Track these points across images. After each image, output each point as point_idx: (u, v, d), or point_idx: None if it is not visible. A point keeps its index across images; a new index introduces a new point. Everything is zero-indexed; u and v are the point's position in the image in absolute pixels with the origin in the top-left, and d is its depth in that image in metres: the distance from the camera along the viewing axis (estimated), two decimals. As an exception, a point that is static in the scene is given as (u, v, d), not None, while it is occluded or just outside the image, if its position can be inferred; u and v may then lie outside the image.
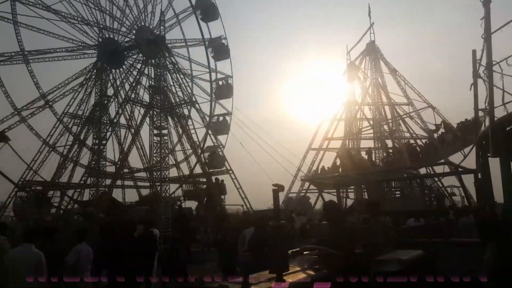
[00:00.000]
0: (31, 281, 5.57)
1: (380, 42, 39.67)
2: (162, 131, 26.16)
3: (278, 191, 3.27)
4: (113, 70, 30.98)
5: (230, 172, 29.65)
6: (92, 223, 19.66)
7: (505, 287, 5.00)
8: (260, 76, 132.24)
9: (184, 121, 29.78)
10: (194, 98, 31.01)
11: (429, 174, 23.38)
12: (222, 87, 31.70)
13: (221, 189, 28.29)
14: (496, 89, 6.95)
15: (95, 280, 7.59)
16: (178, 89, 30.11)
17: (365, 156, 28.52)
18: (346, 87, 34.89)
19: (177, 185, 30.62)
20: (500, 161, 6.81)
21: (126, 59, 31.41)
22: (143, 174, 31.10)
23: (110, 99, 30.36)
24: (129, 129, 31.38)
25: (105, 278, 7.49)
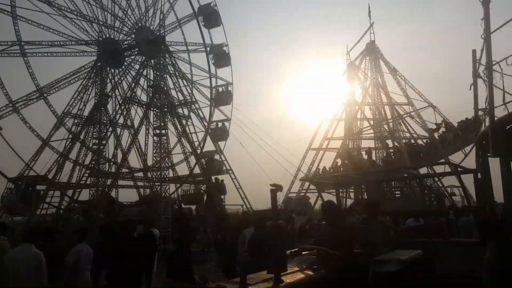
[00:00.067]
0: (31, 281, 5.57)
1: (380, 42, 39.73)
2: (162, 131, 26.19)
3: (276, 191, 3.27)
4: (112, 70, 30.93)
5: (230, 172, 29.68)
6: (92, 223, 19.66)
7: (505, 287, 4.99)
8: (260, 76, 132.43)
9: (184, 121, 29.77)
10: (194, 98, 31.02)
11: (428, 174, 23.34)
12: (222, 93, 31.60)
13: (221, 189, 28.29)
14: (496, 89, 6.94)
15: (95, 280, 7.60)
16: (178, 89, 30.13)
17: (365, 156, 28.49)
18: (346, 87, 34.92)
19: (176, 186, 30.60)
20: (500, 161, 6.80)
21: (126, 59, 31.39)
22: (142, 174, 31.10)
23: (109, 99, 30.33)
24: (129, 129, 31.38)
25: (105, 278, 7.49)
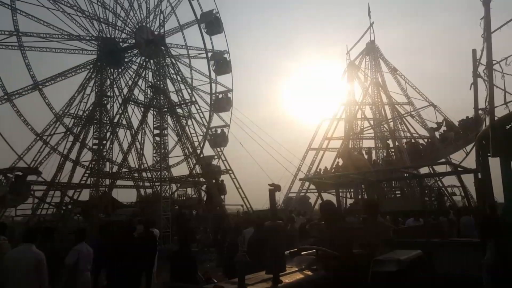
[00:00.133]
0: (31, 281, 5.56)
1: (380, 41, 39.69)
2: (163, 130, 26.19)
3: (275, 191, 3.26)
4: (112, 70, 30.91)
5: (230, 172, 29.66)
6: (92, 223, 19.67)
7: (505, 287, 4.98)
8: (260, 75, 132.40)
9: (184, 121, 29.76)
10: (194, 98, 31.02)
11: (428, 173, 23.26)
12: (222, 100, 31.56)
13: (221, 189, 28.29)
14: (495, 88, 6.92)
15: (95, 280, 7.59)
16: (178, 89, 30.11)
17: (366, 156, 28.48)
18: (346, 87, 34.92)
19: (177, 186, 30.53)
20: (501, 160, 6.77)
21: (126, 59, 31.38)
22: (143, 174, 31.05)
23: (109, 99, 30.32)
24: (129, 129, 31.37)
25: (104, 278, 7.48)
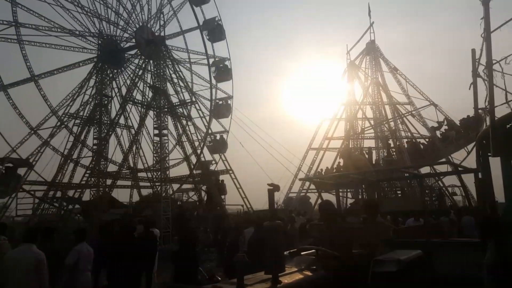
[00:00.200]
0: (31, 281, 5.55)
1: (380, 41, 39.66)
2: (163, 131, 26.17)
3: (274, 191, 3.25)
4: (113, 70, 30.91)
5: (230, 172, 29.66)
6: (92, 223, 19.67)
7: (505, 287, 4.96)
8: (260, 75, 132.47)
9: (184, 122, 29.75)
10: (194, 98, 30.97)
11: (428, 173, 23.29)
12: (221, 107, 31.61)
13: (221, 189, 28.28)
14: (495, 88, 6.90)
15: (95, 280, 7.58)
16: (179, 89, 30.10)
17: (366, 156, 28.47)
18: (346, 87, 34.92)
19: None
20: (501, 160, 6.75)
21: (126, 59, 31.38)
22: (143, 174, 31.09)
23: (110, 99, 30.31)
24: (129, 129, 31.38)
25: (105, 278, 7.47)
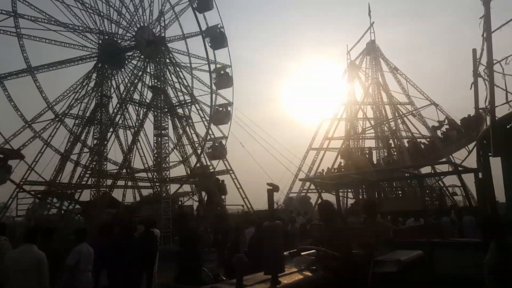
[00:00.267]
0: (31, 281, 5.55)
1: (380, 41, 39.56)
2: (163, 131, 26.16)
3: (273, 191, 3.24)
4: (113, 71, 30.92)
5: (230, 172, 29.65)
6: (92, 223, 19.66)
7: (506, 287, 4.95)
8: (260, 75, 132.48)
9: (184, 122, 29.75)
10: (194, 98, 30.98)
11: (428, 173, 23.27)
12: (221, 113, 31.57)
13: (221, 189, 28.25)
14: (496, 88, 6.88)
15: (95, 280, 7.57)
16: (178, 89, 30.12)
17: (367, 156, 28.47)
18: (347, 87, 34.91)
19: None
20: (502, 160, 6.74)
21: (127, 60, 31.39)
22: (143, 174, 31.10)
23: (110, 99, 30.35)
24: (129, 129, 31.40)
25: (105, 278, 7.45)
